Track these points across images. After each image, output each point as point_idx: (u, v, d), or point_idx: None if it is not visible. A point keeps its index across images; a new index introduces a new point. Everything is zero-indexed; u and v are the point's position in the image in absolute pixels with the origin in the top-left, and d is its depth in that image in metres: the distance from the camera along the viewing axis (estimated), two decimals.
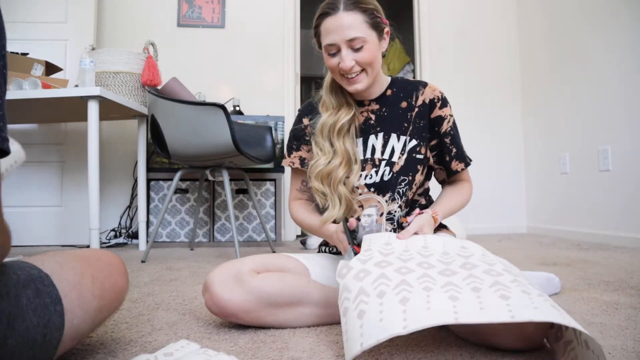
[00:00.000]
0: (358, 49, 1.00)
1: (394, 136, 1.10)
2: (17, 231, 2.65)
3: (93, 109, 1.96)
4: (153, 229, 2.17)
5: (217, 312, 0.94)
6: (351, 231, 0.97)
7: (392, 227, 1.09)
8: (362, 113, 1.13)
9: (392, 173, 1.09)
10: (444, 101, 1.12)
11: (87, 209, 2.02)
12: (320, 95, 1.16)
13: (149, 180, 2.71)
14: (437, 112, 1.11)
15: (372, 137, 1.11)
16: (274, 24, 3.24)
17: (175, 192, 2.73)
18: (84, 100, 1.98)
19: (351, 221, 0.98)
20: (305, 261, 1.07)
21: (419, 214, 1.02)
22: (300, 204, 1.19)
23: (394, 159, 1.10)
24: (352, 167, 1.09)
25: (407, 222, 1.00)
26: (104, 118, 2.48)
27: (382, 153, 1.10)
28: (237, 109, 2.92)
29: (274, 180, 2.82)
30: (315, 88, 1.21)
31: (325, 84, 1.14)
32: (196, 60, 3.16)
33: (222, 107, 1.91)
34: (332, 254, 1.18)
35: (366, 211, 1.07)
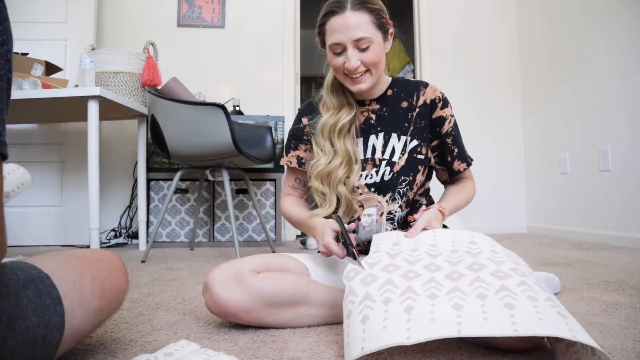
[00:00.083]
0: (364, 49, 1.00)
1: (394, 136, 1.10)
2: (17, 231, 2.68)
3: (93, 109, 1.96)
4: (153, 229, 2.17)
5: (217, 312, 0.94)
6: (347, 231, 0.96)
7: (392, 227, 1.09)
8: (362, 113, 1.13)
9: (392, 173, 1.09)
10: (445, 101, 1.12)
11: (87, 209, 2.02)
12: (321, 95, 1.16)
13: (149, 180, 2.71)
14: (438, 112, 1.11)
15: (372, 137, 1.11)
16: (274, 24, 3.24)
17: (175, 192, 2.73)
18: (84, 100, 1.98)
19: (350, 227, 0.97)
20: (305, 261, 1.06)
21: (426, 210, 1.02)
22: (290, 198, 1.20)
23: (395, 159, 1.10)
24: (352, 167, 1.09)
25: (414, 220, 1.00)
26: (104, 118, 2.48)
27: (383, 153, 1.10)
28: (237, 109, 2.92)
29: (274, 180, 2.82)
30: (315, 88, 1.21)
31: (326, 84, 1.14)
32: (196, 60, 3.16)
33: (222, 107, 1.91)
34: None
35: (366, 211, 1.07)
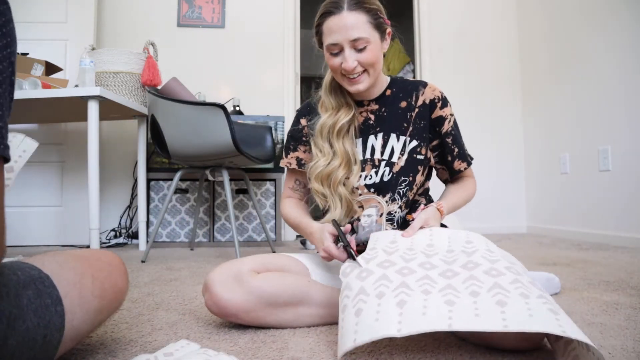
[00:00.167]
0: (361, 50, 1.00)
1: (393, 136, 1.10)
2: (17, 231, 2.68)
3: (93, 109, 1.96)
4: (153, 229, 2.17)
5: (217, 312, 0.94)
6: (344, 233, 0.96)
7: (392, 228, 1.09)
8: (361, 113, 1.13)
9: (392, 173, 1.09)
10: (445, 101, 1.12)
11: (87, 209, 2.02)
12: (319, 95, 1.15)
13: (149, 180, 2.71)
14: (437, 112, 1.11)
15: (371, 137, 1.11)
16: (274, 24, 3.24)
17: (175, 192, 2.73)
18: (84, 100, 1.98)
19: (346, 228, 0.98)
20: (305, 261, 1.06)
21: (424, 209, 1.02)
22: (290, 201, 1.19)
23: (394, 159, 1.10)
24: (351, 168, 1.08)
25: (412, 219, 1.00)
26: (104, 118, 2.48)
27: (382, 153, 1.10)
28: (237, 109, 2.92)
29: (274, 180, 2.82)
30: (315, 88, 1.21)
31: (324, 85, 1.14)
32: (196, 60, 3.16)
33: (222, 107, 1.91)
34: None
35: (366, 211, 1.07)
